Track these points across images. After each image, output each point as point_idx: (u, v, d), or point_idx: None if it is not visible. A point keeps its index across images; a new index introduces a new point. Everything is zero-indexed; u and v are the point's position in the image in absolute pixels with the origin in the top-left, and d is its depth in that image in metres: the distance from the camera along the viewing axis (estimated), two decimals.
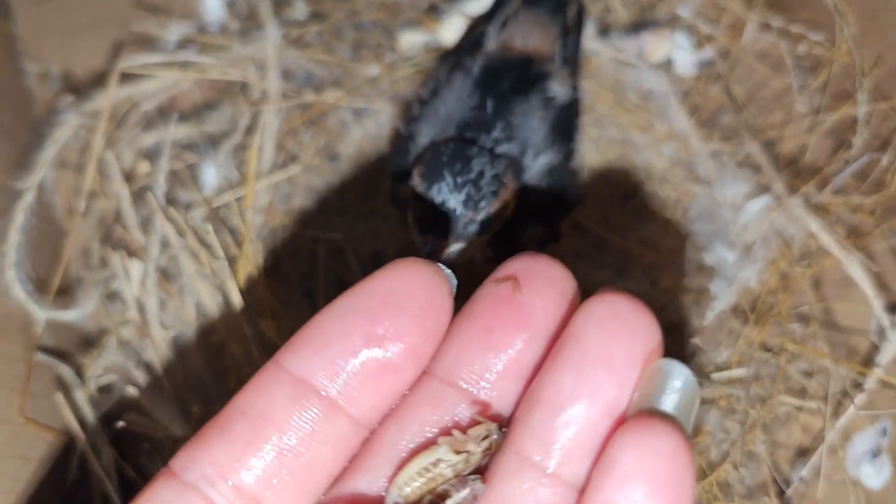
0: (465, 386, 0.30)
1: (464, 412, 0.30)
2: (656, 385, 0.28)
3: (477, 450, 0.29)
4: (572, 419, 0.28)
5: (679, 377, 0.28)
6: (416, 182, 0.53)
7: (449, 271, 0.31)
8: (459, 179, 0.51)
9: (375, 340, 0.29)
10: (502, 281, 0.30)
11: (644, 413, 0.27)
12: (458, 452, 0.28)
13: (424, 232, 0.52)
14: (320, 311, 0.30)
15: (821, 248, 0.64)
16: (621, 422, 0.28)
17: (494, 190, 0.52)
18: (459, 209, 0.51)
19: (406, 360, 0.29)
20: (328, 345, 0.29)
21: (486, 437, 0.29)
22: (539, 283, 0.31)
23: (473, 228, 0.53)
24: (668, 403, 0.27)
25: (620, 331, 0.28)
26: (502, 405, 0.31)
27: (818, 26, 0.71)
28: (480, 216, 0.52)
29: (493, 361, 0.30)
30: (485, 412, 0.30)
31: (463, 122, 0.59)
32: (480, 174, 0.52)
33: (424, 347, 0.30)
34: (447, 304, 0.30)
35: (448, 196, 0.51)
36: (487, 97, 0.59)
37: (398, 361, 0.29)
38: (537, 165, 0.58)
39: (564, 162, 0.60)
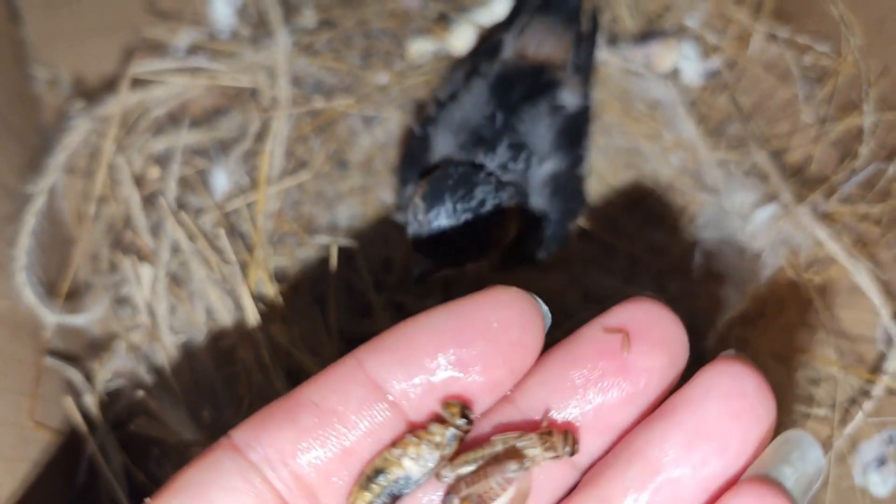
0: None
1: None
2: (781, 454, 0.27)
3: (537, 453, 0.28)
4: (671, 482, 0.27)
5: (806, 452, 0.28)
6: (417, 202, 0.53)
7: (545, 308, 0.30)
8: (460, 206, 0.51)
9: (459, 365, 0.28)
10: (613, 331, 0.29)
11: (759, 478, 0.27)
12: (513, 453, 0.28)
13: (420, 253, 0.52)
14: (413, 317, 0.30)
15: (828, 256, 0.64)
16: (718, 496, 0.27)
17: (494, 220, 0.52)
18: (457, 237, 0.51)
19: (484, 391, 0.29)
20: (412, 357, 0.29)
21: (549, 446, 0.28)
22: (650, 345, 0.29)
23: (465, 257, 0.53)
24: (788, 476, 0.27)
25: (742, 413, 0.27)
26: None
27: (824, 37, 0.72)
28: (476, 244, 0.52)
29: (580, 413, 0.30)
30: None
31: (475, 134, 0.59)
32: (482, 203, 0.51)
33: (505, 382, 0.29)
34: (538, 341, 0.29)
35: (445, 222, 0.51)
36: (498, 108, 0.60)
37: (476, 390, 0.29)
38: (542, 172, 0.59)
39: (571, 168, 0.61)
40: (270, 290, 0.65)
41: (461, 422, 0.28)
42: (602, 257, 0.71)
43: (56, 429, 0.60)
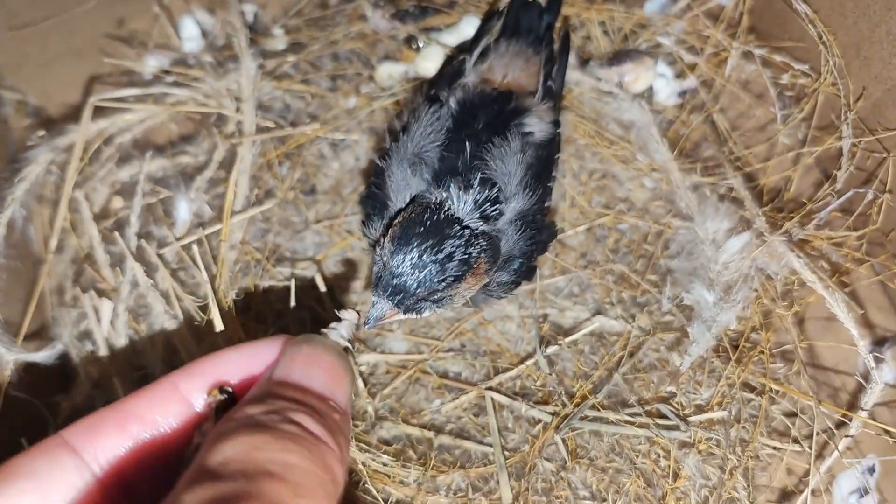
0: None
1: None
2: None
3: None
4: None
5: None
6: (385, 244, 0.51)
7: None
8: (426, 258, 0.50)
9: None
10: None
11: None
12: None
13: (379, 291, 0.51)
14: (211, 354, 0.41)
15: (804, 284, 0.62)
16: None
17: (459, 274, 0.51)
18: (414, 287, 0.50)
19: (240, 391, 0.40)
20: (205, 377, 0.40)
21: None
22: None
23: (425, 307, 0.52)
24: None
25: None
26: None
27: (803, 55, 0.69)
28: (435, 296, 0.51)
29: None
30: None
31: (439, 168, 0.57)
32: (450, 256, 0.50)
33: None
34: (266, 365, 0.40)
35: (407, 271, 0.50)
36: (465, 140, 0.58)
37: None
38: (510, 210, 0.57)
39: (539, 203, 0.59)
40: (232, 322, 0.64)
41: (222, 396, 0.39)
42: (571, 287, 0.69)
43: None
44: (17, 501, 0.33)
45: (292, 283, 0.66)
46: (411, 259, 0.50)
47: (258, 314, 0.67)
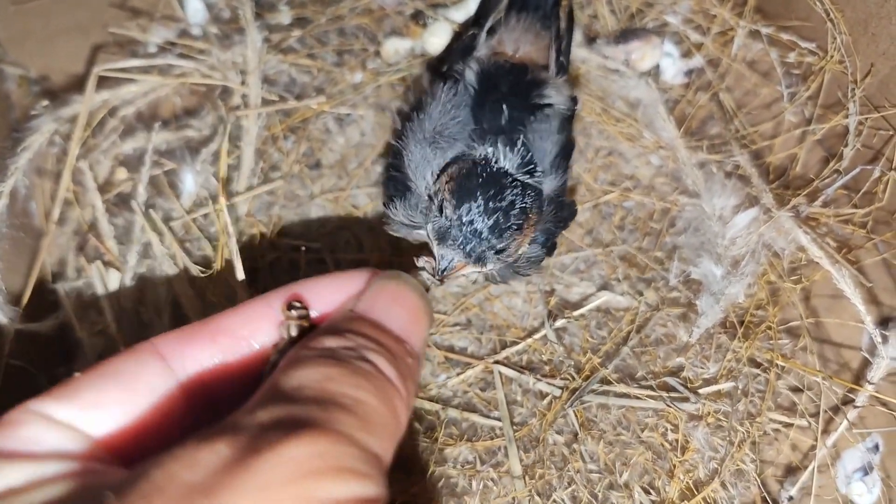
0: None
1: None
2: None
3: None
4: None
5: None
6: (446, 197, 0.51)
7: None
8: (492, 205, 0.50)
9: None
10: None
11: None
12: None
13: (449, 242, 0.50)
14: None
15: (811, 260, 0.62)
16: None
17: (520, 223, 0.51)
18: (486, 233, 0.50)
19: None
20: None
21: None
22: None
23: (490, 257, 0.51)
24: None
25: None
26: None
27: (809, 34, 0.70)
28: (502, 244, 0.51)
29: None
30: None
31: (478, 129, 0.56)
32: (511, 204, 0.50)
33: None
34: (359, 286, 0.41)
35: (477, 218, 0.49)
36: (501, 101, 0.57)
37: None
38: (545, 190, 0.57)
39: (565, 182, 0.59)
40: (239, 294, 0.63)
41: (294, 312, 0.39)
42: (578, 263, 0.69)
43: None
44: (104, 399, 0.35)
45: (301, 255, 0.65)
46: (479, 207, 0.49)
47: (263, 287, 0.66)
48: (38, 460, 0.31)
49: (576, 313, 0.65)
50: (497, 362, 0.64)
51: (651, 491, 0.59)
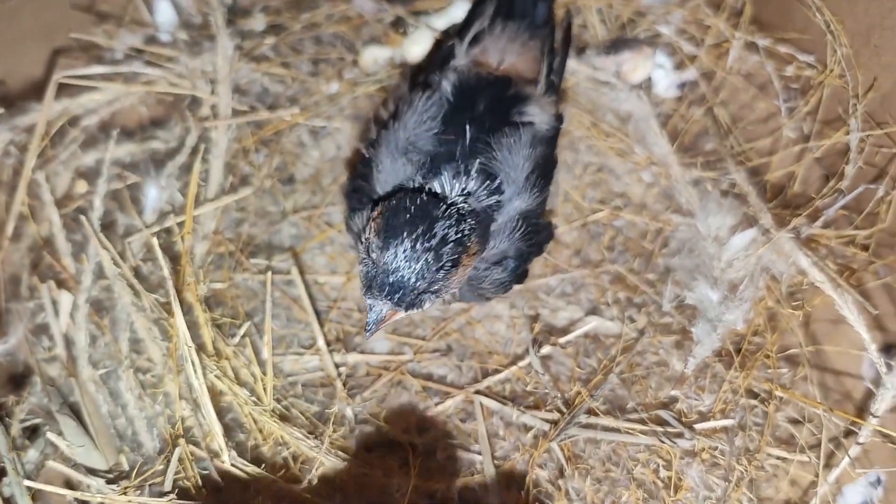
0: None
1: None
2: None
3: None
4: None
5: None
6: (371, 240, 0.47)
7: None
8: (419, 246, 0.46)
9: None
10: None
11: None
12: None
13: (374, 292, 0.46)
14: None
15: (812, 285, 0.59)
16: None
17: (455, 258, 0.47)
18: (413, 279, 0.46)
19: None
20: None
21: None
22: None
23: (425, 299, 0.48)
24: None
25: None
26: None
27: (808, 46, 0.66)
28: (435, 286, 0.47)
29: None
30: None
31: (434, 154, 0.53)
32: (443, 240, 0.46)
33: None
34: None
35: (403, 264, 0.46)
36: (466, 123, 0.53)
37: None
38: (511, 208, 0.53)
39: (542, 204, 0.55)
40: (202, 318, 0.59)
41: None
42: (565, 287, 0.65)
43: None
44: None
45: (268, 277, 0.61)
46: (404, 251, 0.46)
47: (229, 310, 0.62)
48: None
49: (562, 340, 0.61)
50: (478, 392, 0.60)
51: None
